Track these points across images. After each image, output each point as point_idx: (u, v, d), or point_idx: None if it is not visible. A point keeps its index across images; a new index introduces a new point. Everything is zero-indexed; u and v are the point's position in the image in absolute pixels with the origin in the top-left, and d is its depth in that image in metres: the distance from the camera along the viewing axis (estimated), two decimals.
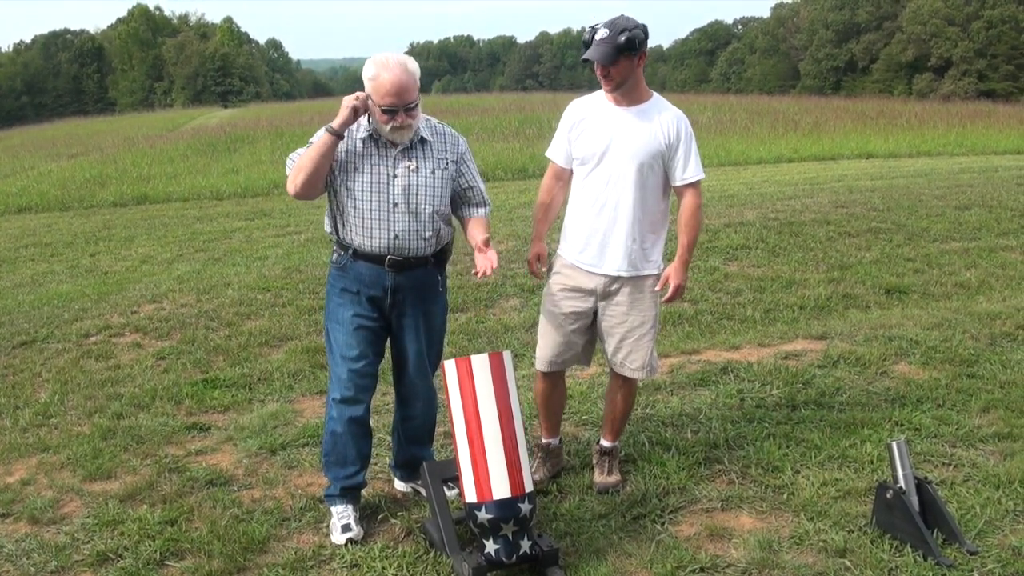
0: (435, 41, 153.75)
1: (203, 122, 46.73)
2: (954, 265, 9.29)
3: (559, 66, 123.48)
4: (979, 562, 3.68)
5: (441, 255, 4.17)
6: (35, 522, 4.36)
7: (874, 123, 29.17)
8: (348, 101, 3.86)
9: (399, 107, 3.81)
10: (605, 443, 4.59)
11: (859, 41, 72.98)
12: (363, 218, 3.96)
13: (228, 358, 6.89)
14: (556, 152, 4.37)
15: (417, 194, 3.97)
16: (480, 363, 3.71)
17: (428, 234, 4.02)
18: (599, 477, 4.52)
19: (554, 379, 4.56)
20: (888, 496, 3.87)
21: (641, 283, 4.27)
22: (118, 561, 3.95)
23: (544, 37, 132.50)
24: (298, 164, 3.95)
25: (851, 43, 73.50)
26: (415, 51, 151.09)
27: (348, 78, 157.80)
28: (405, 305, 4.10)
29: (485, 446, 3.66)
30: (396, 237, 3.97)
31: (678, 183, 4.19)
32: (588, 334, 4.45)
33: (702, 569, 3.74)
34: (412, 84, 3.84)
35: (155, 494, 4.59)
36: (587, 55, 4.03)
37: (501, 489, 3.63)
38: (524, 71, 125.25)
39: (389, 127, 3.86)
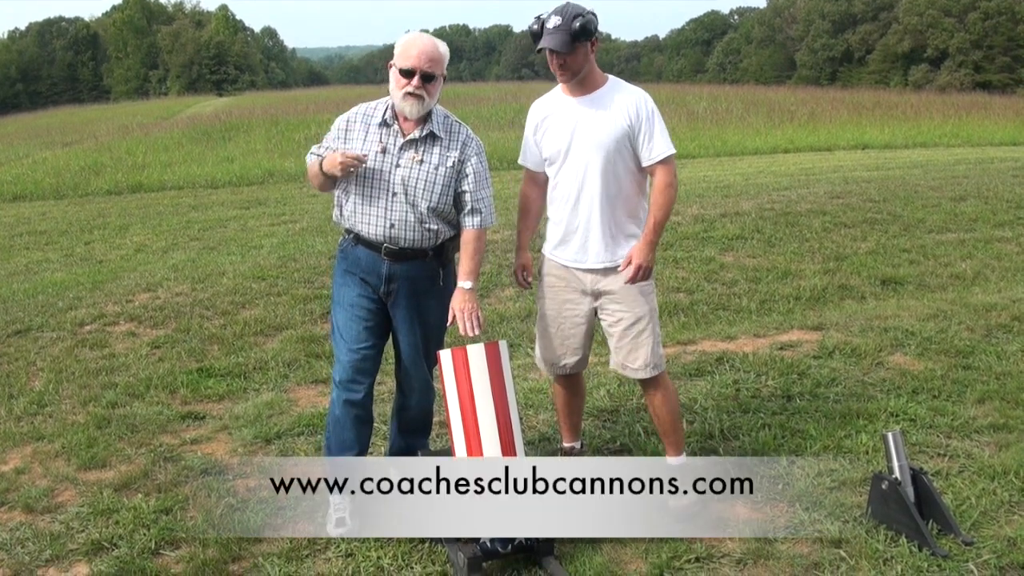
0: (431, 30, 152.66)
1: (198, 110, 46.60)
2: (950, 256, 9.30)
3: None
4: (974, 553, 3.69)
5: (441, 249, 4.13)
6: (30, 511, 4.35)
7: (870, 114, 29.20)
8: (344, 159, 3.84)
9: (417, 70, 3.83)
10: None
11: (855, 32, 72.88)
12: (362, 204, 3.99)
13: (223, 347, 6.88)
14: (526, 157, 4.32)
15: (416, 187, 3.96)
16: (476, 352, 3.71)
17: (426, 228, 4.00)
18: (672, 501, 4.13)
19: (570, 381, 4.45)
20: (883, 487, 3.88)
21: (623, 275, 4.11)
22: (113, 550, 3.95)
23: None
24: (311, 171, 4.08)
25: (847, 34, 73.39)
26: None
27: (344, 67, 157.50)
28: (400, 296, 4.08)
29: (481, 436, 3.66)
30: (392, 226, 3.97)
31: (647, 163, 4.05)
32: (590, 336, 4.33)
33: (697, 559, 3.75)
34: (438, 57, 3.89)
35: (150, 483, 4.59)
36: (543, 43, 3.89)
37: None
38: (520, 61, 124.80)
39: (402, 93, 3.86)
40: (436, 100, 3.99)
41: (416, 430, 4.46)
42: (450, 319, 4.06)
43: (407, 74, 3.84)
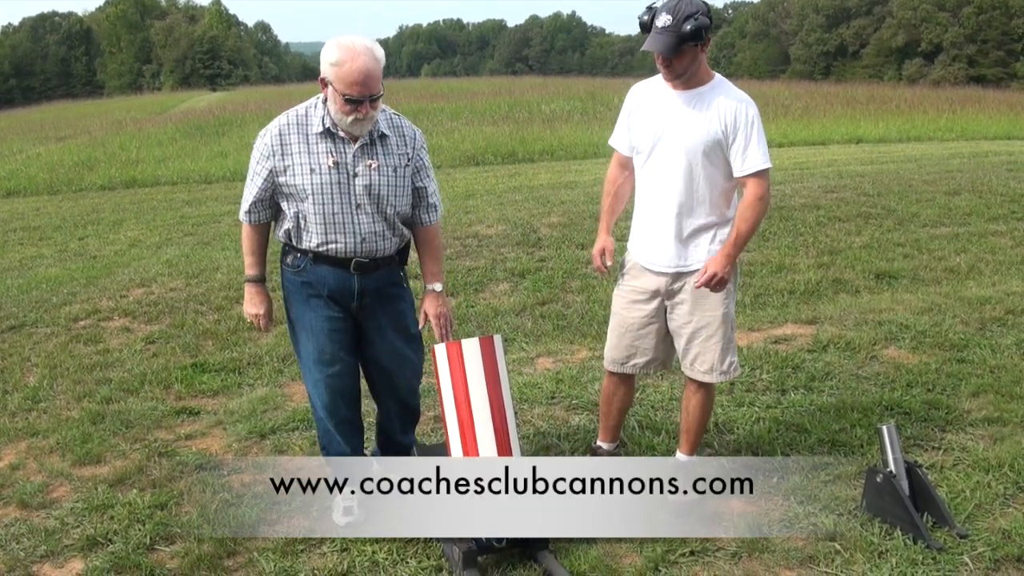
0: (424, 24, 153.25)
1: (192, 105, 46.48)
2: (944, 250, 9.31)
3: (549, 50, 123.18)
4: (969, 545, 3.70)
5: (405, 251, 4.02)
6: (24, 507, 4.34)
7: (864, 108, 29.20)
8: (250, 315, 4.10)
9: (365, 98, 3.54)
10: (680, 456, 4.33)
11: (849, 26, 72.97)
12: (326, 222, 3.73)
13: (217, 342, 6.87)
14: (618, 140, 4.12)
15: (380, 194, 3.75)
16: (471, 347, 3.70)
17: (395, 235, 3.86)
18: (671, 498, 4.07)
19: (620, 379, 4.34)
20: (878, 480, 3.89)
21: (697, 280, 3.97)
22: (108, 546, 3.94)
23: (534, 21, 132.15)
24: (243, 237, 4.04)
25: (841, 28, 73.50)
26: (404, 34, 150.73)
27: None
28: (372, 308, 3.93)
29: (476, 430, 3.66)
30: (363, 240, 3.77)
31: (738, 174, 3.84)
32: (662, 337, 4.18)
33: (692, 553, 3.75)
34: (379, 73, 3.55)
35: (145, 478, 4.58)
36: (647, 46, 3.71)
37: None
38: (514, 55, 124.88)
39: (350, 119, 3.59)
40: None
41: (406, 429, 4.33)
42: (421, 322, 3.98)
43: (353, 102, 3.54)
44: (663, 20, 3.68)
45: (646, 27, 3.77)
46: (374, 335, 3.99)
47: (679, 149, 3.86)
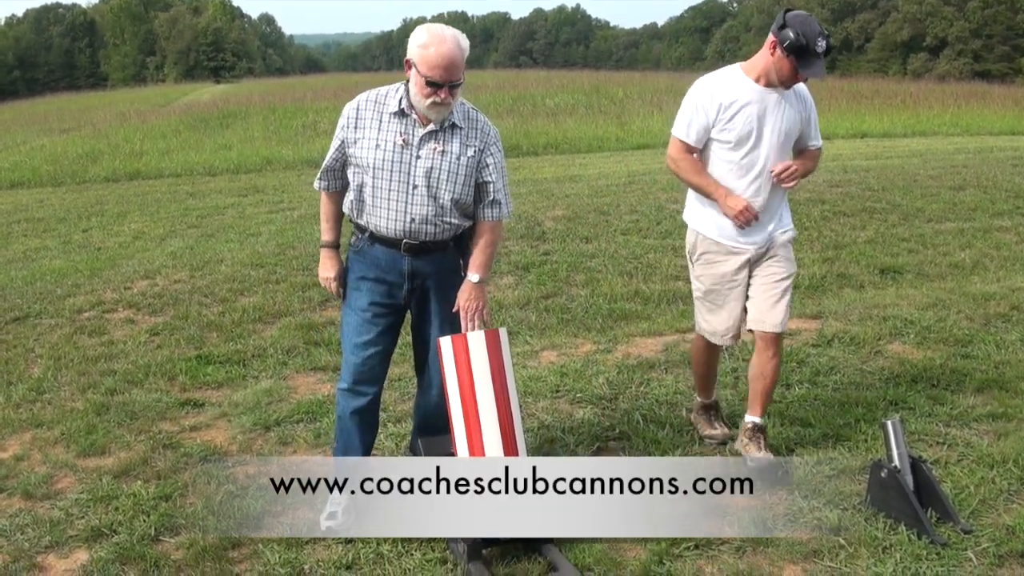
0: (428, 17, 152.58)
1: (195, 97, 46.47)
2: (949, 245, 9.29)
3: (553, 43, 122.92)
4: (973, 541, 3.70)
5: (462, 239, 4.04)
6: (29, 497, 4.36)
7: (869, 103, 29.10)
8: (322, 279, 4.13)
9: (445, 83, 3.67)
10: (756, 419, 4.48)
11: (854, 20, 72.78)
12: (380, 198, 3.84)
13: (222, 334, 6.87)
14: (691, 133, 4.31)
15: (439, 179, 3.82)
16: (476, 340, 3.71)
17: (447, 222, 3.89)
18: (757, 452, 4.38)
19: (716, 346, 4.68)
20: (883, 475, 3.89)
21: (782, 239, 4.43)
22: (112, 536, 3.95)
23: (538, 14, 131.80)
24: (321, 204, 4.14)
25: (846, 22, 73.29)
26: (408, 27, 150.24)
27: (341, 54, 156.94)
28: (424, 291, 3.98)
29: (481, 423, 3.67)
30: (412, 220, 3.84)
31: (815, 146, 4.46)
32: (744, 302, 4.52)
33: (696, 546, 3.75)
34: (462, 60, 3.73)
35: (149, 470, 4.60)
36: (816, 75, 4.05)
37: None
38: (518, 48, 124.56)
39: (428, 102, 3.70)
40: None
41: (442, 428, 4.20)
42: (453, 309, 3.99)
43: (434, 85, 3.67)
44: (823, 45, 4.02)
45: (802, 50, 4.02)
46: (428, 321, 4.05)
47: (779, 135, 4.24)
